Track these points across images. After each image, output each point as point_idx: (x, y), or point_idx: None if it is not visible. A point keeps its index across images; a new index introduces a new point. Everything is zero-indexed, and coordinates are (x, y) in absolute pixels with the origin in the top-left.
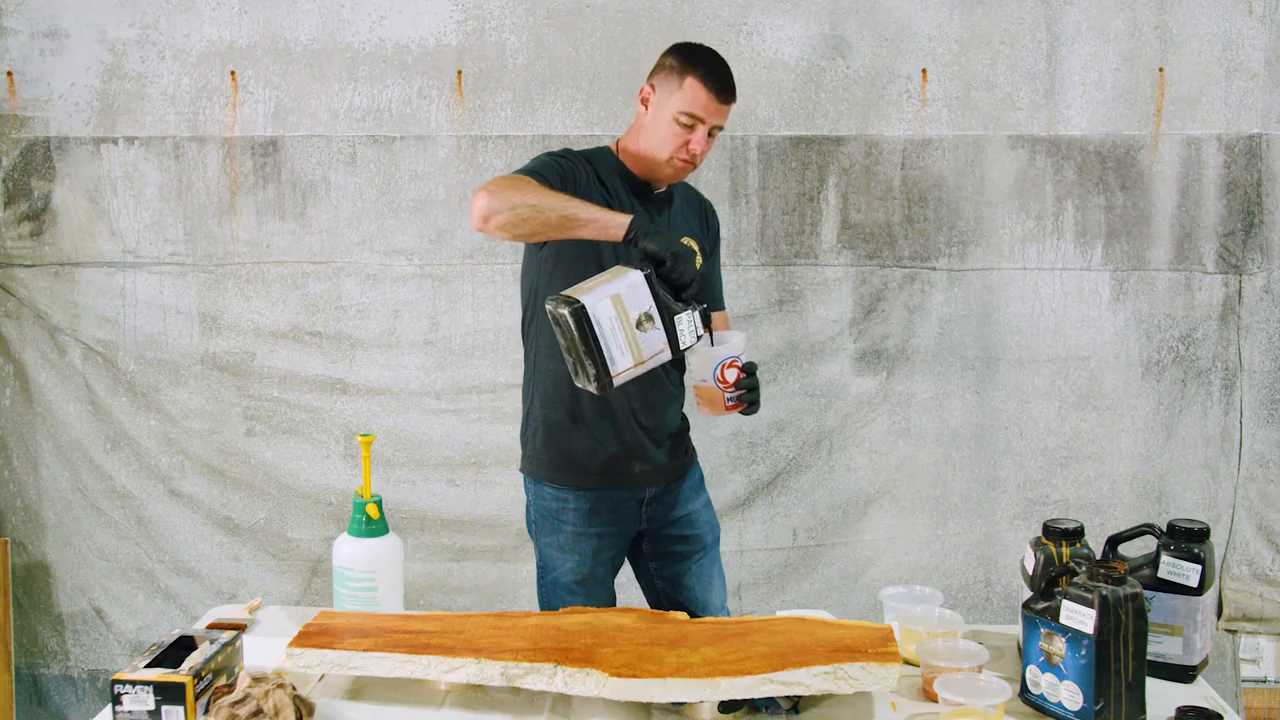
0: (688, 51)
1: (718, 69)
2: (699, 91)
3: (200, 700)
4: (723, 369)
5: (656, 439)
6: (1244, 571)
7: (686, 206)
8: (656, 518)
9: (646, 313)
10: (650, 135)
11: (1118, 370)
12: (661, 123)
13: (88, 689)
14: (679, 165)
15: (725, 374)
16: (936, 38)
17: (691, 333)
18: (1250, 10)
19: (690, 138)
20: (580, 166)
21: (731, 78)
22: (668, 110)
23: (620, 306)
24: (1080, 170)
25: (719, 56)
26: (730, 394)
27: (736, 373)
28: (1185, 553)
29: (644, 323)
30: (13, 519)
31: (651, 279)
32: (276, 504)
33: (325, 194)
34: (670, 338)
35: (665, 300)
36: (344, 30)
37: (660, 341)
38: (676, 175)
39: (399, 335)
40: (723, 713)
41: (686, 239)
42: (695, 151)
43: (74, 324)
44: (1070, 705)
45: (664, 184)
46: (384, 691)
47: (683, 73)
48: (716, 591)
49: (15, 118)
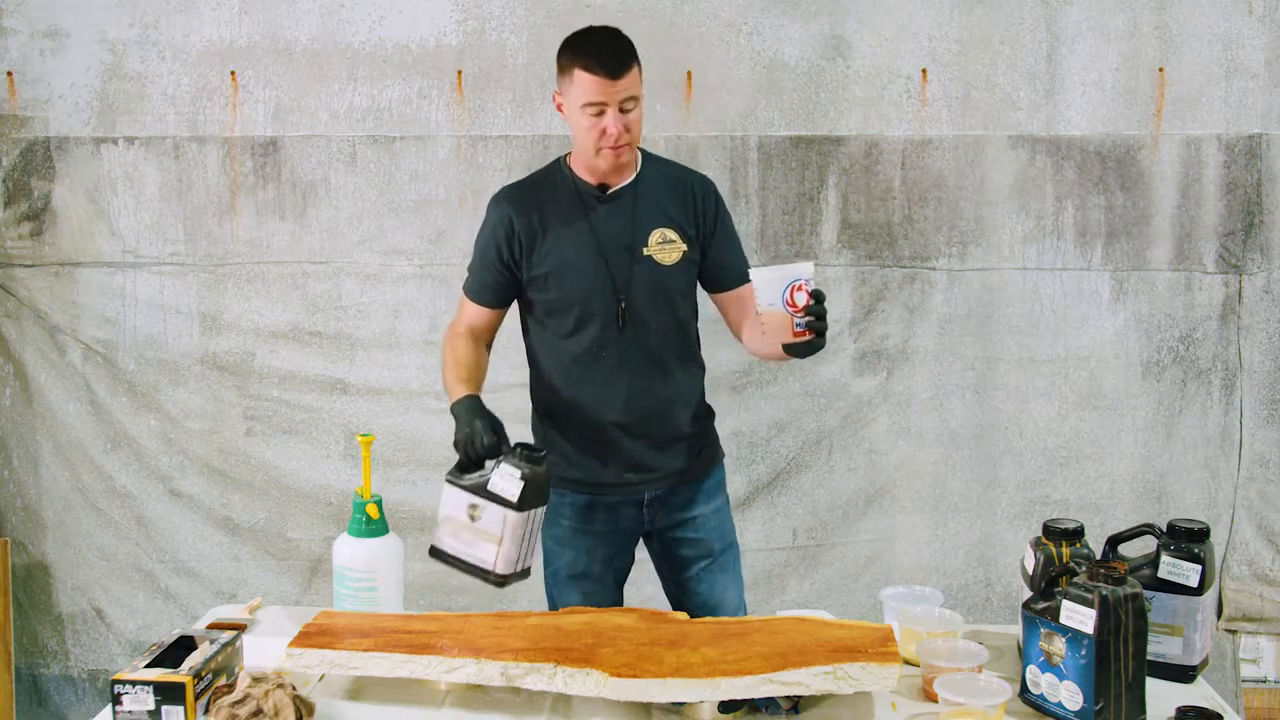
0: (569, 44)
1: (599, 48)
2: (586, 79)
3: (200, 700)
4: (792, 291)
5: (659, 446)
6: (1244, 571)
7: (662, 189)
8: (660, 519)
9: (471, 505)
10: (576, 136)
11: (1118, 370)
12: (575, 121)
13: (88, 689)
14: (609, 154)
15: (794, 297)
16: (936, 38)
17: (511, 478)
18: (1250, 10)
19: (603, 124)
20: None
21: (618, 49)
22: (574, 107)
23: (451, 520)
24: (1080, 170)
25: (603, 32)
26: (800, 319)
27: (806, 296)
28: (1185, 553)
29: (475, 514)
30: (13, 519)
31: (452, 478)
32: (276, 504)
33: (325, 194)
34: (500, 501)
35: (475, 482)
36: (344, 30)
37: (497, 512)
38: (615, 163)
39: (399, 335)
40: (723, 713)
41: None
42: (612, 134)
43: (74, 324)
44: (1070, 705)
45: (618, 180)
46: (384, 691)
47: (570, 67)
48: (729, 600)
49: (15, 118)
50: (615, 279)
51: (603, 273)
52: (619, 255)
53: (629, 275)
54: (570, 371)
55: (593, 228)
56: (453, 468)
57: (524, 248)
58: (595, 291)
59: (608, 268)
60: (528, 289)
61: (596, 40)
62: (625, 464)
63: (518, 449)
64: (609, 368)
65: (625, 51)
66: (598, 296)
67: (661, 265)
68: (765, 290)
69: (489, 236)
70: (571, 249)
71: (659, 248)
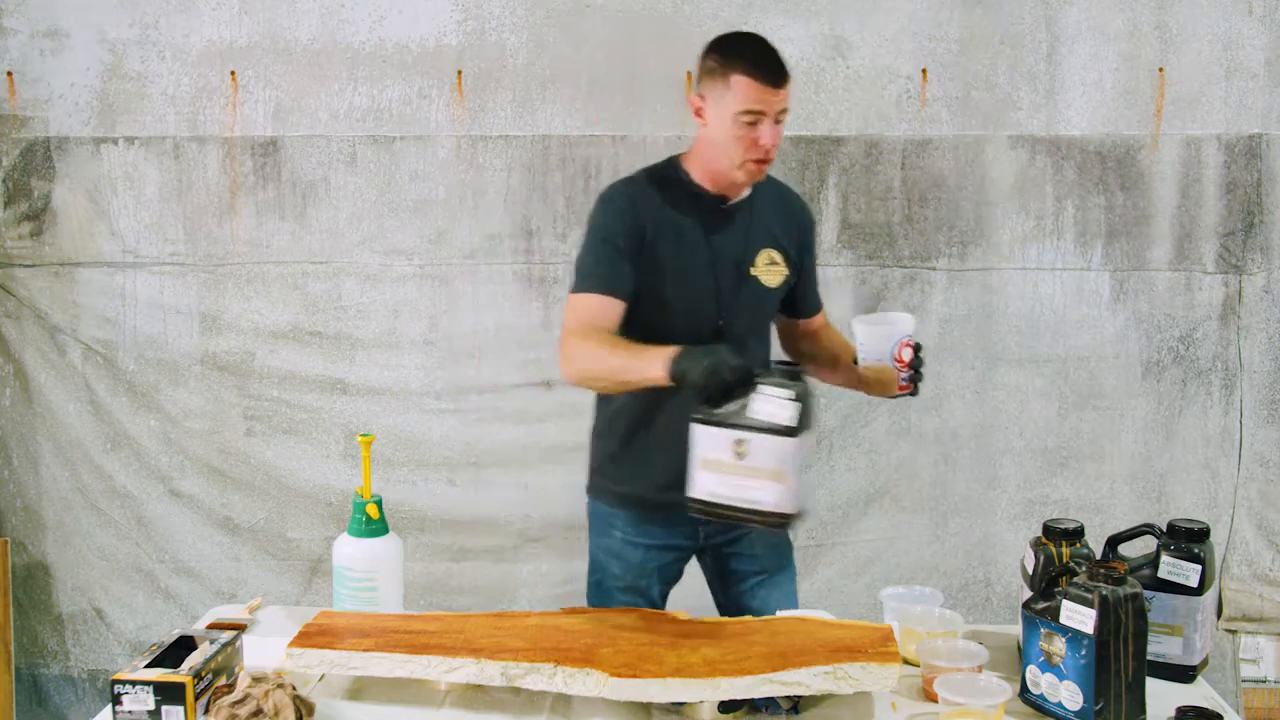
0: (725, 47)
1: (760, 54)
2: (747, 85)
3: (200, 700)
4: (900, 347)
5: None
6: (1244, 571)
7: (770, 209)
8: (714, 535)
9: (736, 441)
10: (715, 145)
11: (1118, 370)
12: (722, 129)
13: (88, 689)
14: (752, 168)
15: (902, 353)
16: (936, 38)
17: (780, 401)
18: (1250, 10)
19: (757, 134)
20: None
21: (778, 57)
22: (725, 114)
23: (711, 464)
24: (1080, 170)
25: (759, 40)
26: (904, 373)
27: (911, 351)
28: (1185, 553)
29: (742, 450)
30: (13, 519)
31: (703, 415)
32: (276, 504)
33: (325, 194)
34: (772, 430)
35: (732, 416)
36: (344, 30)
37: (770, 443)
38: (753, 178)
39: (399, 335)
40: (723, 713)
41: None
42: (766, 146)
43: (74, 324)
44: (1070, 705)
45: (738, 192)
46: (384, 691)
47: (726, 72)
48: None
49: (15, 118)
50: (721, 296)
51: (710, 289)
52: (728, 272)
53: (735, 294)
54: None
55: (708, 241)
56: (698, 406)
57: (643, 245)
58: (700, 307)
59: (716, 284)
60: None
61: (756, 46)
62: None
63: (773, 368)
64: None
65: (783, 64)
66: (701, 312)
67: (765, 287)
68: (873, 346)
69: (612, 228)
70: (683, 260)
71: (765, 269)
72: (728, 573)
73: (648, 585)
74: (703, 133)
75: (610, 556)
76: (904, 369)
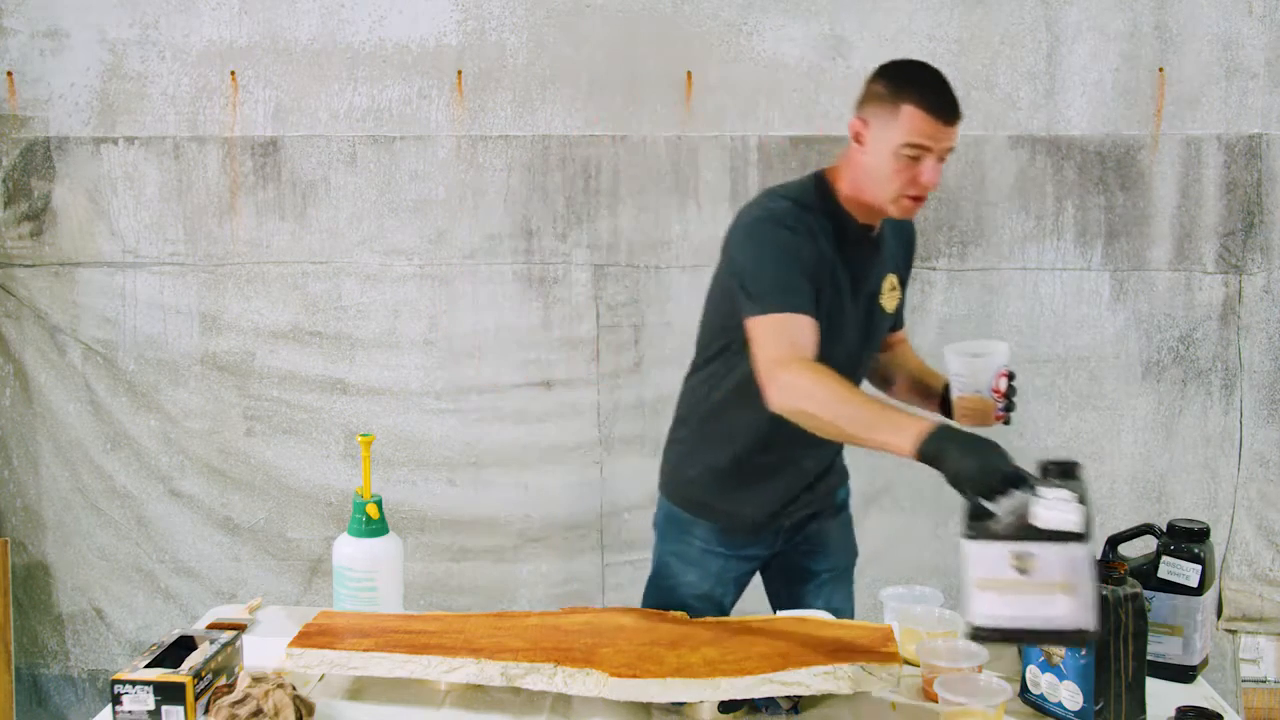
0: (896, 73)
1: (935, 87)
2: (919, 118)
3: (200, 700)
4: (997, 378)
5: (813, 484)
6: (1244, 571)
7: (894, 237)
8: (795, 540)
9: (1016, 556)
10: (870, 174)
11: (1118, 370)
12: (883, 159)
13: (88, 689)
14: (907, 204)
15: (999, 383)
16: (936, 38)
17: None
18: (1250, 10)
19: (919, 170)
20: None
21: (952, 92)
22: (887, 144)
23: (991, 584)
24: (1080, 170)
25: (933, 71)
26: (1001, 404)
27: (1007, 381)
28: (1185, 553)
29: (1026, 564)
30: (13, 519)
31: (975, 532)
32: (276, 504)
33: (325, 194)
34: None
35: (1009, 528)
36: (344, 30)
37: (1059, 553)
38: (905, 214)
39: (399, 335)
40: (723, 713)
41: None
42: (927, 183)
43: (74, 324)
44: (1070, 705)
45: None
46: (384, 691)
47: (896, 100)
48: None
49: (15, 118)
50: (861, 328)
51: (856, 320)
52: (865, 303)
53: (869, 323)
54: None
55: (852, 271)
56: (966, 520)
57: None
58: (845, 339)
59: (859, 314)
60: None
61: (932, 77)
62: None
63: (1045, 465)
64: None
65: (956, 97)
66: (845, 345)
67: (885, 313)
68: (971, 378)
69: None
70: (835, 289)
71: (888, 295)
72: (799, 570)
73: (723, 594)
74: (858, 157)
75: (686, 564)
76: (1000, 399)
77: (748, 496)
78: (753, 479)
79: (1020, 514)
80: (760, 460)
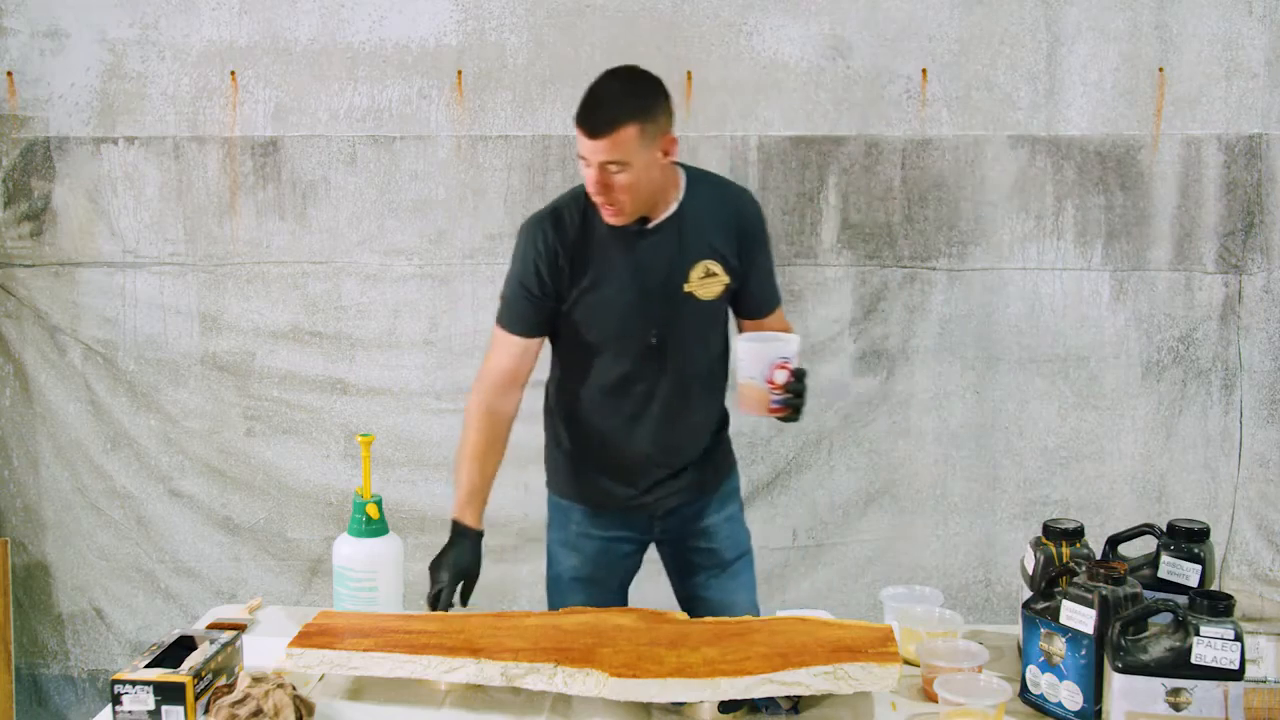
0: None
1: (588, 100)
2: (578, 133)
3: (200, 700)
4: (773, 369)
5: (678, 471)
6: (1244, 571)
7: (705, 218)
8: (673, 529)
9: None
10: None
11: (1118, 370)
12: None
13: (88, 689)
14: (603, 207)
15: (775, 375)
16: (936, 38)
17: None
18: (1250, 10)
19: (589, 178)
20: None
21: (600, 106)
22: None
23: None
24: (1080, 170)
25: (594, 88)
26: (777, 396)
27: (787, 375)
28: (1185, 553)
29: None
30: (13, 519)
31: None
32: (276, 504)
33: (325, 194)
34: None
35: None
36: (344, 30)
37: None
38: (613, 220)
39: (399, 335)
40: (723, 713)
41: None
42: (592, 191)
43: (74, 324)
44: (1070, 705)
45: (657, 213)
46: (384, 691)
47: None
48: (738, 608)
49: (15, 118)
50: (652, 318)
51: (639, 312)
52: (657, 293)
53: (667, 313)
54: (600, 403)
55: (633, 264)
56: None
57: (565, 278)
58: (630, 328)
59: (645, 306)
60: (563, 318)
61: (588, 95)
62: (644, 488)
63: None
64: (638, 402)
65: (609, 116)
66: (632, 335)
67: (701, 301)
68: (747, 364)
69: (529, 264)
70: (611, 285)
71: (700, 283)
72: (686, 565)
73: (606, 576)
74: None
75: (568, 549)
76: (777, 391)
77: (595, 477)
78: (592, 460)
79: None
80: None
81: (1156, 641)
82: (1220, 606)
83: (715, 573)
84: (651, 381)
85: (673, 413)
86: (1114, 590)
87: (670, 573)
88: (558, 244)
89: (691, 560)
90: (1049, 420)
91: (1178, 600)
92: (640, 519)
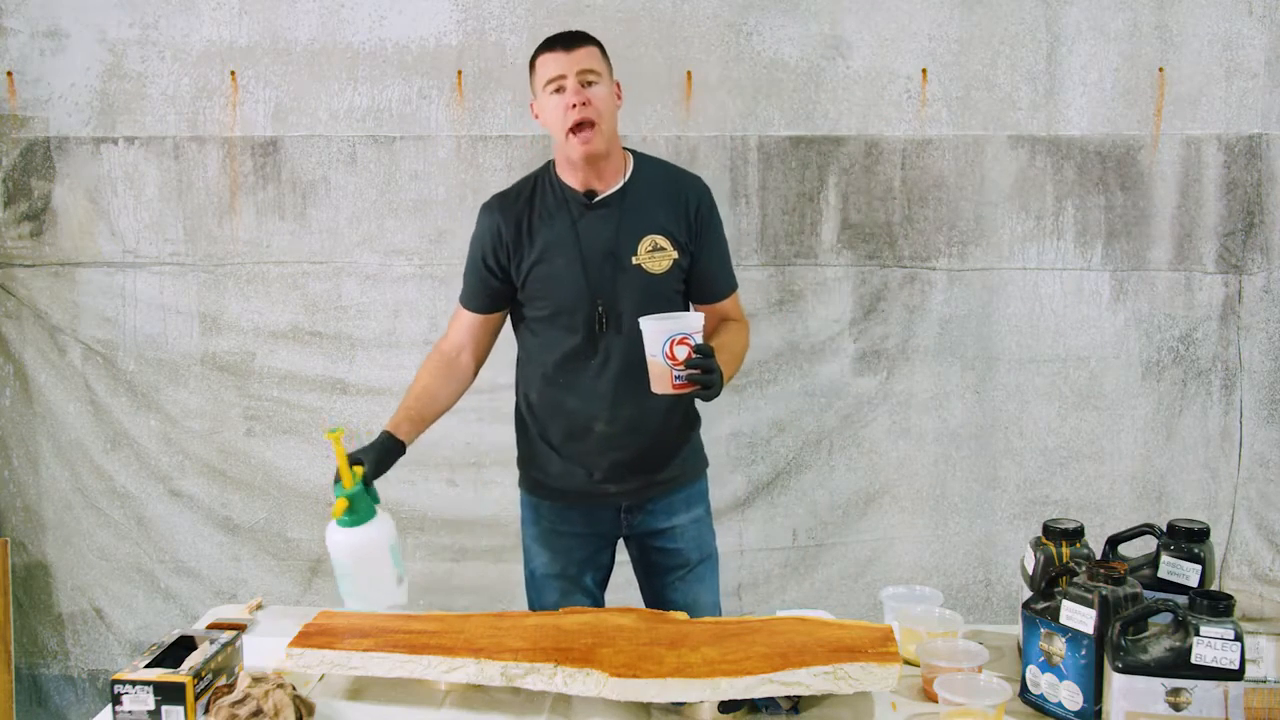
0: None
1: (557, 35)
2: (545, 59)
3: (200, 700)
4: (671, 345)
5: (640, 454)
6: (1244, 571)
7: (653, 195)
8: (638, 525)
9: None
10: (550, 128)
11: (1118, 370)
12: (544, 109)
13: (88, 689)
14: (575, 141)
15: (674, 350)
16: (936, 38)
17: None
18: (1250, 10)
19: (565, 99)
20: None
21: (572, 33)
22: (541, 97)
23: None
24: (1080, 170)
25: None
26: (679, 372)
27: (687, 351)
28: (1185, 553)
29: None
30: (13, 519)
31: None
32: (276, 504)
33: (325, 194)
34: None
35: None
36: (344, 30)
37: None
38: (587, 145)
39: (399, 335)
40: (723, 713)
41: (650, 241)
42: (575, 103)
43: (74, 324)
44: (1070, 705)
45: (605, 185)
46: (384, 691)
47: (532, 64)
48: (700, 610)
49: (15, 118)
50: (600, 288)
51: (587, 282)
52: (604, 264)
53: (615, 284)
54: (556, 377)
55: (578, 236)
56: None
57: (511, 256)
58: (579, 301)
59: (592, 277)
60: (520, 294)
61: (552, 34)
62: (605, 473)
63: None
64: (593, 375)
65: (580, 34)
66: (582, 306)
67: (651, 274)
68: (649, 341)
69: (478, 244)
70: (558, 258)
71: (649, 256)
72: (651, 565)
73: (579, 573)
74: (548, 129)
75: (540, 546)
76: (678, 366)
77: (557, 460)
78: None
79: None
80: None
81: (1156, 641)
82: (1220, 606)
83: (681, 574)
84: (604, 355)
85: (628, 390)
86: (1114, 590)
87: (638, 573)
88: (502, 223)
89: (656, 561)
90: (1049, 420)
91: (1178, 600)
92: (606, 514)
